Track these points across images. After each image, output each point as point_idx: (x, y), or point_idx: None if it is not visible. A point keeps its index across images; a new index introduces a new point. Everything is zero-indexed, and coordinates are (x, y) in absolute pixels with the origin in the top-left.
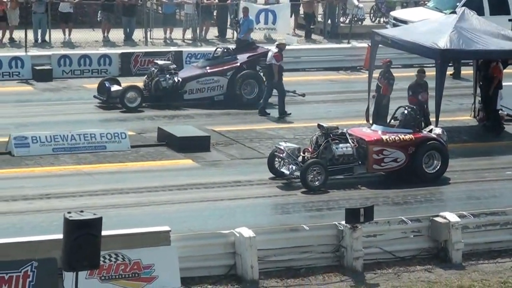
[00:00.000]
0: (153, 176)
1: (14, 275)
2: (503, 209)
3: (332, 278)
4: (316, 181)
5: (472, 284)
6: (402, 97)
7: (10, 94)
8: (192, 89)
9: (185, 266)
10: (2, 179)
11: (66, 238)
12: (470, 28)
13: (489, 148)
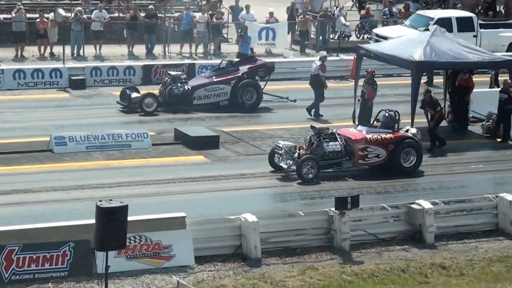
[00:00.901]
0: (170, 170)
1: (54, 254)
2: (469, 197)
3: (324, 256)
4: (310, 174)
5: (443, 261)
6: (384, 101)
7: (50, 100)
8: (200, 96)
9: (198, 246)
10: (44, 172)
11: (97, 223)
12: (441, 43)
13: (457, 145)
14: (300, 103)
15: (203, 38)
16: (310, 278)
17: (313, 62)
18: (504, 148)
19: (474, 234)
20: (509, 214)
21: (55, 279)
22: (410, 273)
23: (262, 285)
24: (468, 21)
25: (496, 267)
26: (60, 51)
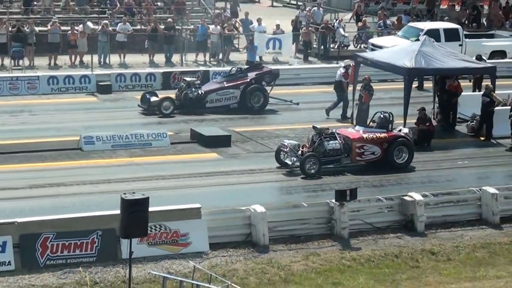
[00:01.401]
0: (187, 165)
1: (84, 241)
2: (455, 190)
3: (325, 243)
4: (312, 169)
5: (432, 248)
6: (379, 104)
7: (80, 104)
8: (212, 99)
9: (212, 234)
10: (75, 168)
11: (122, 213)
12: (430, 52)
13: (445, 143)
14: (302, 106)
15: (216, 48)
16: (312, 263)
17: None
18: (487, 146)
19: (460, 223)
20: (491, 205)
21: (85, 264)
22: (403, 258)
23: (270, 269)
24: (454, 32)
25: (480, 253)
26: (88, 60)
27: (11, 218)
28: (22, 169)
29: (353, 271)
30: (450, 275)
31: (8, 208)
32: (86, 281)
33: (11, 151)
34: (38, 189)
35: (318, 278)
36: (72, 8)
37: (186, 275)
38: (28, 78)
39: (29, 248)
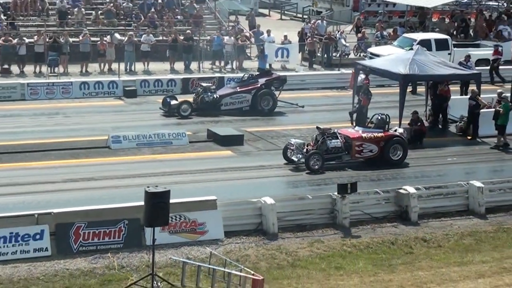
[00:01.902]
0: (204, 162)
1: (112, 230)
2: (445, 184)
3: (328, 231)
4: (316, 165)
5: (424, 235)
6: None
7: (109, 107)
8: (226, 103)
9: (227, 223)
10: (103, 164)
11: (146, 204)
12: (422, 60)
13: (436, 142)
14: (307, 108)
15: (230, 56)
16: (317, 249)
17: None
18: (473, 144)
19: (449, 214)
20: (478, 197)
21: (113, 250)
22: (398, 245)
23: (279, 255)
24: (444, 42)
25: (467, 240)
26: (116, 67)
27: (48, 209)
28: (57, 165)
29: (353, 257)
30: (441, 260)
31: (45, 200)
32: (114, 265)
33: (47, 149)
34: (71, 183)
35: (322, 263)
36: (102, 21)
37: (204, 260)
38: (63, 83)
39: (64, 236)
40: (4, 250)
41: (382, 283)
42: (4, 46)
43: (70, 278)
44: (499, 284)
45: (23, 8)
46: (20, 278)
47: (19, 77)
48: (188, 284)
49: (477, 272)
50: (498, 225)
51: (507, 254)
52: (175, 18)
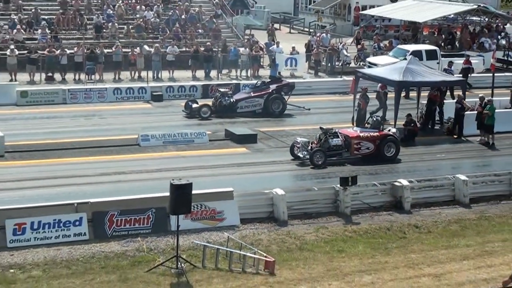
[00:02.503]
0: (222, 158)
1: (142, 217)
2: (434, 177)
3: (332, 219)
4: (319, 161)
5: (416, 222)
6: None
7: (138, 109)
8: (242, 106)
9: (242, 212)
10: (134, 160)
11: (171, 195)
12: (414, 68)
13: (426, 140)
14: (313, 111)
15: (245, 65)
16: (322, 234)
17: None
18: (459, 143)
19: (438, 203)
20: (463, 189)
21: (142, 234)
22: (393, 231)
23: (288, 239)
24: (433, 52)
25: (453, 227)
26: (145, 75)
27: (86, 199)
28: (93, 160)
29: (354, 241)
30: (430, 244)
31: (83, 191)
32: (143, 248)
33: (85, 146)
34: (106, 176)
35: (326, 246)
36: (132, 34)
37: (222, 244)
38: (99, 89)
39: (99, 222)
40: (49, 234)
41: (379, 264)
42: (48, 56)
43: (105, 259)
44: (481, 265)
45: (65, 23)
46: (62, 260)
47: (61, 83)
48: (208, 265)
49: (462, 255)
50: (480, 213)
51: (488, 239)
52: (197, 32)
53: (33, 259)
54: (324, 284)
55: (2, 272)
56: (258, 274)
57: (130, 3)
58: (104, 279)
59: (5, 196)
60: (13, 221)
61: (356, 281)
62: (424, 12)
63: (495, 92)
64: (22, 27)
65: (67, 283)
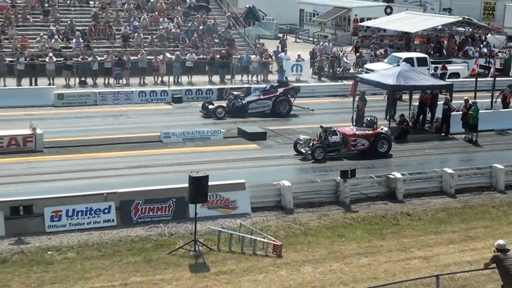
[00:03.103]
0: (235, 153)
1: (163, 205)
2: (424, 171)
3: (333, 207)
4: (320, 156)
5: (408, 211)
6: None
7: (160, 110)
8: (252, 107)
9: (253, 201)
10: (157, 154)
11: (190, 186)
12: (407, 74)
13: (418, 137)
14: (316, 112)
15: (256, 71)
16: (324, 221)
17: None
18: (446, 140)
19: (427, 194)
20: (449, 181)
21: (164, 221)
22: (388, 218)
23: (294, 225)
24: (424, 59)
25: (441, 214)
26: (166, 79)
27: (114, 189)
28: (121, 155)
29: (352, 227)
30: (421, 230)
31: (111, 182)
32: (165, 233)
33: (114, 142)
34: (132, 169)
35: (328, 232)
36: (156, 43)
37: (235, 229)
38: (125, 92)
39: (126, 210)
40: (81, 221)
41: (374, 248)
42: (82, 63)
43: (131, 242)
44: (465, 249)
45: (96, 33)
46: (94, 243)
47: (92, 87)
48: (222, 248)
49: (448, 239)
50: (465, 203)
51: (472, 226)
52: (213, 41)
53: (68, 242)
54: (326, 265)
55: (41, 254)
56: (267, 256)
57: (153, 15)
58: (130, 260)
59: (44, 187)
60: (51, 209)
61: (355, 263)
62: (415, 24)
63: (477, 95)
64: (59, 37)
65: (98, 264)
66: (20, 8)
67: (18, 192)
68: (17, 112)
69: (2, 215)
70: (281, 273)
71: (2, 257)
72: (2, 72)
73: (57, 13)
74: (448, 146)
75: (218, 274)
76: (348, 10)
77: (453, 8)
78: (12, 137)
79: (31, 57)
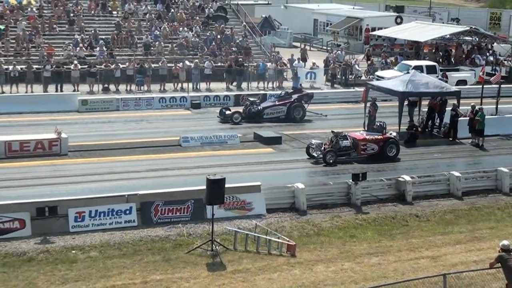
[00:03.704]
0: (251, 157)
1: (182, 207)
2: (432, 174)
3: (345, 209)
4: (331, 160)
5: (417, 212)
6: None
7: (180, 115)
8: (268, 113)
9: (268, 203)
10: (176, 158)
11: (207, 188)
12: (416, 81)
13: (426, 142)
14: (329, 117)
15: (271, 78)
16: (336, 222)
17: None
18: (454, 144)
19: (435, 196)
20: (456, 184)
21: (182, 221)
22: (397, 219)
23: (307, 226)
24: (433, 67)
25: (448, 216)
26: (186, 86)
27: (135, 191)
28: (142, 158)
29: (363, 228)
30: (429, 231)
31: (132, 184)
32: (183, 233)
33: (135, 146)
34: (152, 172)
35: (340, 232)
36: (176, 51)
37: (250, 230)
38: (147, 98)
39: (146, 211)
40: (104, 221)
41: (384, 248)
42: (105, 70)
43: (151, 242)
44: (472, 249)
45: (119, 42)
46: (115, 242)
47: (115, 93)
48: (238, 247)
49: (455, 240)
50: (471, 204)
51: (478, 227)
52: (230, 50)
53: (91, 242)
54: (338, 264)
55: (65, 253)
56: (281, 256)
57: (174, 25)
58: (150, 259)
59: (69, 189)
60: (75, 210)
61: (365, 262)
62: (425, 33)
63: (484, 101)
64: (84, 46)
65: (119, 263)
66: (47, 18)
67: (43, 194)
68: (43, 117)
69: (28, 216)
70: (294, 272)
71: (28, 256)
72: (30, 79)
73: (82, 22)
74: (456, 150)
75: (234, 273)
76: (360, 20)
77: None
78: (38, 141)
79: (57, 64)
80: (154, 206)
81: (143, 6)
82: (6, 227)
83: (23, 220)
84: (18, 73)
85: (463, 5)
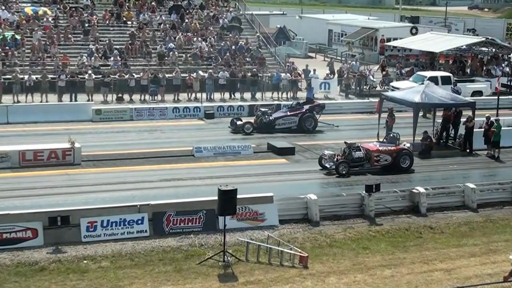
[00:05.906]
0: (265, 167)
1: (194, 217)
2: (447, 186)
3: (358, 220)
4: (344, 171)
5: (431, 224)
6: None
7: (193, 125)
8: (279, 123)
9: (281, 213)
10: (188, 168)
11: (219, 199)
12: (431, 92)
13: (441, 154)
14: (342, 128)
15: (286, 88)
16: (349, 234)
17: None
18: (469, 156)
19: (450, 208)
20: (471, 196)
21: (194, 232)
22: (411, 231)
23: (320, 237)
24: (448, 78)
25: (463, 228)
26: (199, 96)
27: (147, 201)
28: (154, 168)
29: (377, 240)
30: (443, 243)
31: (145, 194)
32: (195, 244)
33: (148, 156)
34: (165, 182)
35: (353, 244)
36: (190, 61)
37: (263, 241)
38: (160, 108)
39: (158, 221)
40: (116, 231)
41: (398, 260)
42: (119, 80)
43: (163, 252)
44: (486, 261)
45: (133, 52)
46: (127, 252)
47: (129, 103)
48: (250, 258)
49: (470, 252)
50: (486, 217)
51: (493, 239)
52: (244, 60)
53: (103, 252)
54: (350, 276)
55: (77, 263)
56: (294, 267)
57: (188, 35)
58: (162, 270)
59: (81, 198)
60: (87, 219)
61: (378, 274)
62: (440, 44)
63: (500, 112)
64: (98, 55)
65: (131, 273)
66: (62, 28)
67: (56, 203)
68: (57, 126)
69: (41, 225)
70: (306, 284)
71: (40, 266)
72: (44, 89)
73: (97, 32)
74: (471, 162)
75: (246, 284)
76: (375, 30)
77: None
78: (52, 150)
79: (72, 74)
80: (166, 216)
81: (157, 16)
82: (19, 236)
83: (36, 229)
84: (33, 83)
85: (480, 15)
